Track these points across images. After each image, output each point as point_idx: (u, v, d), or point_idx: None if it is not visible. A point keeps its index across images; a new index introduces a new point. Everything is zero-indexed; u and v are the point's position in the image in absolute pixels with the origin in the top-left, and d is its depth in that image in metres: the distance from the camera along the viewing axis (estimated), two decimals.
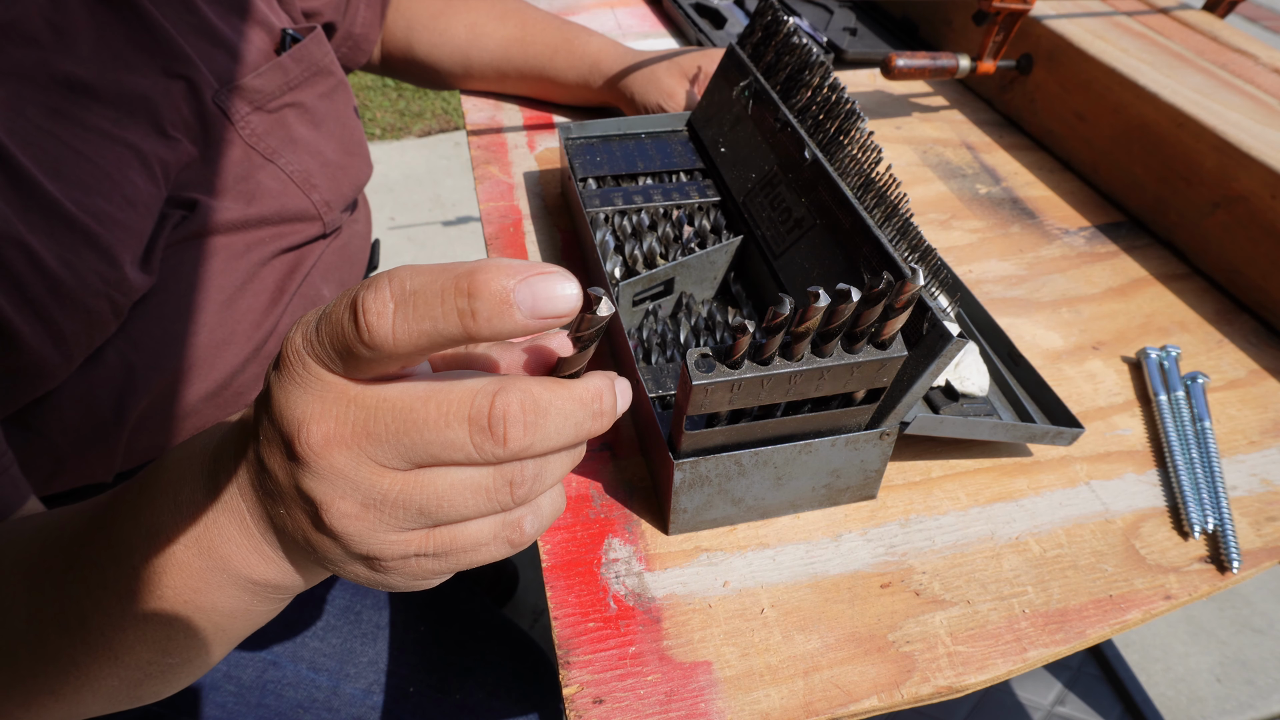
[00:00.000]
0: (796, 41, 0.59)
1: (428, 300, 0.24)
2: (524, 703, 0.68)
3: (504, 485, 0.27)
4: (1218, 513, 0.50)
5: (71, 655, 0.34)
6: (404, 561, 0.28)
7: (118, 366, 0.50)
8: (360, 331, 0.24)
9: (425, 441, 0.26)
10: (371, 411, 0.26)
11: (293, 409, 0.26)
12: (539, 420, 0.26)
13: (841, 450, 0.46)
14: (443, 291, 0.24)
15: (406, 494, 0.26)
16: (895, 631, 0.44)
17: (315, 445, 0.26)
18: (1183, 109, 0.69)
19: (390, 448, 0.26)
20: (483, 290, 0.24)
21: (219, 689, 0.64)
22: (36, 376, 0.45)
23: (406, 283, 0.24)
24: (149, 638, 0.33)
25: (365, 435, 0.26)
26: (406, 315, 0.24)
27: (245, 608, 0.33)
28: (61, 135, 0.47)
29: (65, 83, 0.48)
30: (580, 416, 0.27)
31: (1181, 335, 0.64)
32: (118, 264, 0.47)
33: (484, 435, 0.25)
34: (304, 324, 0.26)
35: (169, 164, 0.52)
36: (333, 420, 0.26)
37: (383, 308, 0.24)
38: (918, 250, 0.50)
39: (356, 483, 0.26)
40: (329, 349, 0.25)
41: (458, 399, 0.25)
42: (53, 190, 0.45)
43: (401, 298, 0.24)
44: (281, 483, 0.28)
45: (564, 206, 0.74)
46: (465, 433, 0.25)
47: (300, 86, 0.62)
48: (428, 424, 0.25)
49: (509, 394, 0.25)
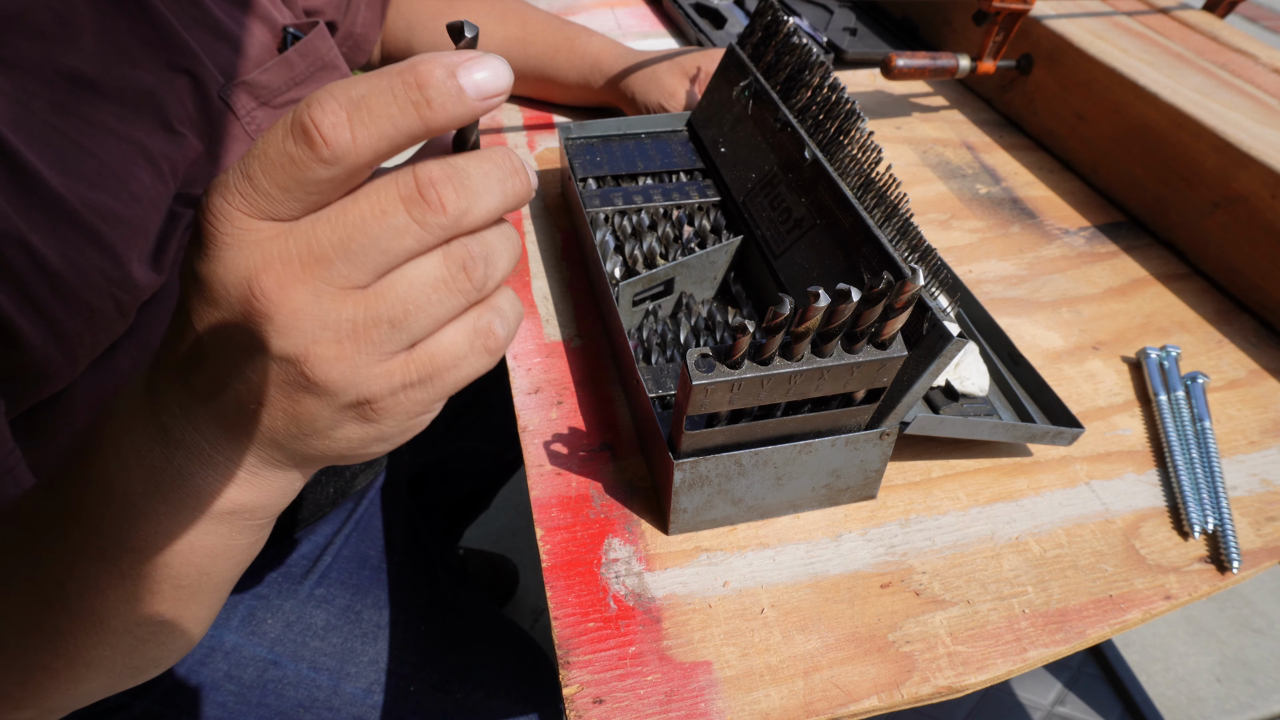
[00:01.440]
0: (796, 41, 0.59)
1: (380, 101, 0.24)
2: (524, 702, 0.68)
3: (459, 271, 0.27)
4: (1218, 513, 0.50)
5: (55, 624, 0.33)
6: (394, 399, 0.28)
7: (129, 370, 0.49)
8: (317, 149, 0.24)
9: (372, 239, 0.25)
10: (309, 235, 0.25)
11: (234, 271, 0.25)
12: (464, 180, 0.26)
13: (841, 450, 0.46)
14: (392, 90, 0.24)
15: (374, 310, 0.26)
16: (895, 631, 0.44)
17: (271, 294, 0.25)
18: (1183, 109, 0.69)
19: (341, 263, 0.25)
20: (430, 80, 0.24)
21: (220, 688, 0.64)
22: (40, 377, 0.45)
23: (350, 91, 0.24)
24: (130, 595, 0.32)
25: (314, 261, 0.25)
26: (363, 119, 0.24)
27: (224, 543, 0.32)
28: (67, 130, 0.47)
29: (70, 77, 0.48)
30: (499, 173, 0.27)
31: (1181, 335, 0.64)
32: (122, 262, 0.47)
33: (421, 207, 0.25)
34: (218, 186, 0.25)
35: (175, 160, 0.52)
36: (277, 262, 0.25)
37: (336, 119, 0.23)
38: (918, 250, 0.50)
39: (324, 318, 0.25)
40: (274, 190, 0.24)
41: (383, 186, 0.25)
42: (57, 186, 0.45)
43: (352, 104, 0.24)
44: (249, 364, 0.27)
45: (564, 206, 0.74)
46: (403, 212, 0.25)
47: (305, 82, 0.62)
48: (366, 220, 0.25)
49: (427, 165, 0.25)
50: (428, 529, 0.82)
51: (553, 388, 0.57)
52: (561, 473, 0.51)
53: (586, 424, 0.54)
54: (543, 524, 0.48)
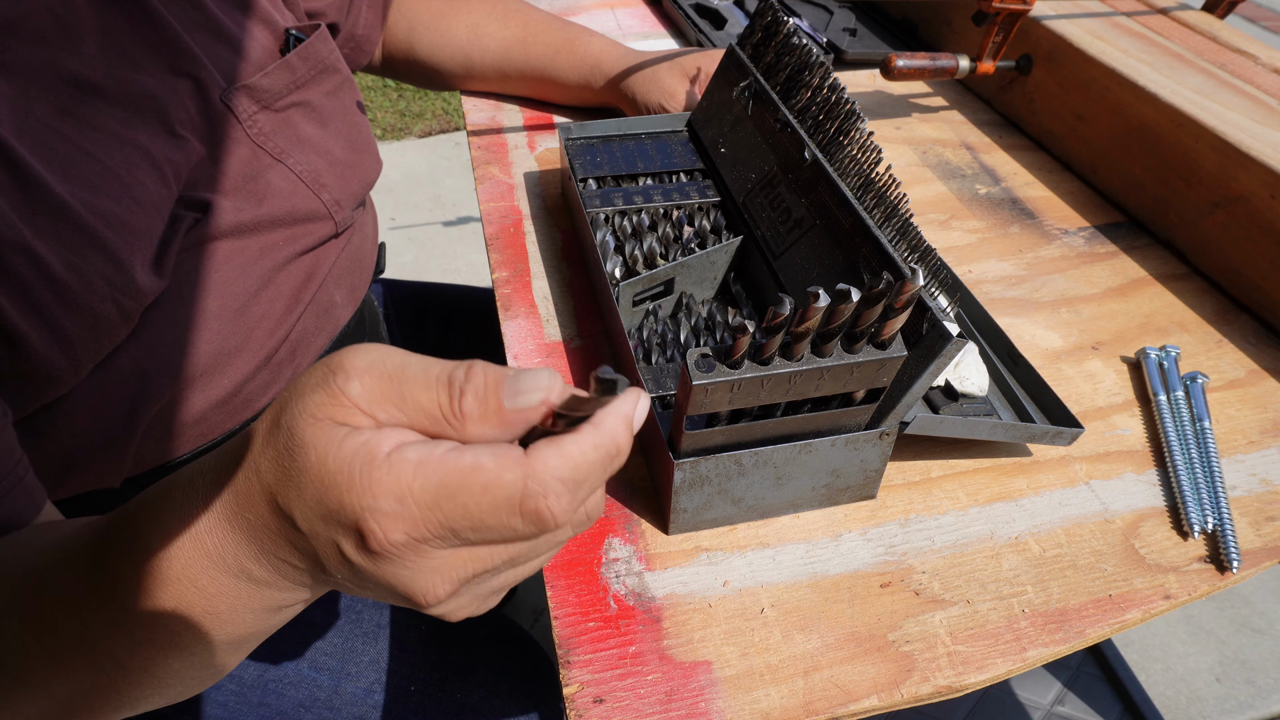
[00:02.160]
0: (796, 42, 0.59)
1: (594, 476, 0.29)
2: (524, 702, 0.68)
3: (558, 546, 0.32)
4: (1217, 513, 0.50)
5: (113, 684, 0.35)
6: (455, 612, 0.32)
7: (131, 373, 0.49)
8: (547, 526, 0.28)
9: (524, 572, 0.32)
10: (481, 564, 0.29)
11: (406, 583, 0.29)
12: (580, 491, 0.29)
13: (841, 450, 0.46)
14: (603, 464, 0.29)
15: (503, 583, 0.32)
16: (895, 631, 0.44)
17: (436, 600, 0.30)
18: (1182, 109, 0.69)
19: (487, 579, 0.31)
20: (625, 448, 0.29)
21: (220, 688, 0.64)
22: (45, 382, 0.45)
23: (573, 474, 0.28)
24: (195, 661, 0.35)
25: (478, 577, 0.30)
26: (581, 494, 0.29)
27: (282, 620, 0.36)
28: (70, 135, 0.47)
29: (73, 81, 0.48)
30: (610, 466, 0.30)
31: (1181, 335, 0.64)
32: (126, 268, 0.47)
33: (561, 543, 0.31)
34: (399, 520, 0.27)
35: (178, 164, 0.52)
36: (448, 583, 0.29)
37: (568, 504, 0.28)
38: (917, 250, 0.50)
39: (469, 595, 0.31)
40: (478, 542, 0.28)
41: (544, 546, 0.30)
42: (61, 191, 0.45)
43: (575, 485, 0.28)
44: (378, 591, 0.31)
45: (564, 207, 0.74)
46: (553, 553, 0.31)
47: (307, 85, 0.62)
48: (529, 568, 0.32)
49: (591, 513, 0.30)
50: None
51: None
52: None
53: None
54: None
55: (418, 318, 0.94)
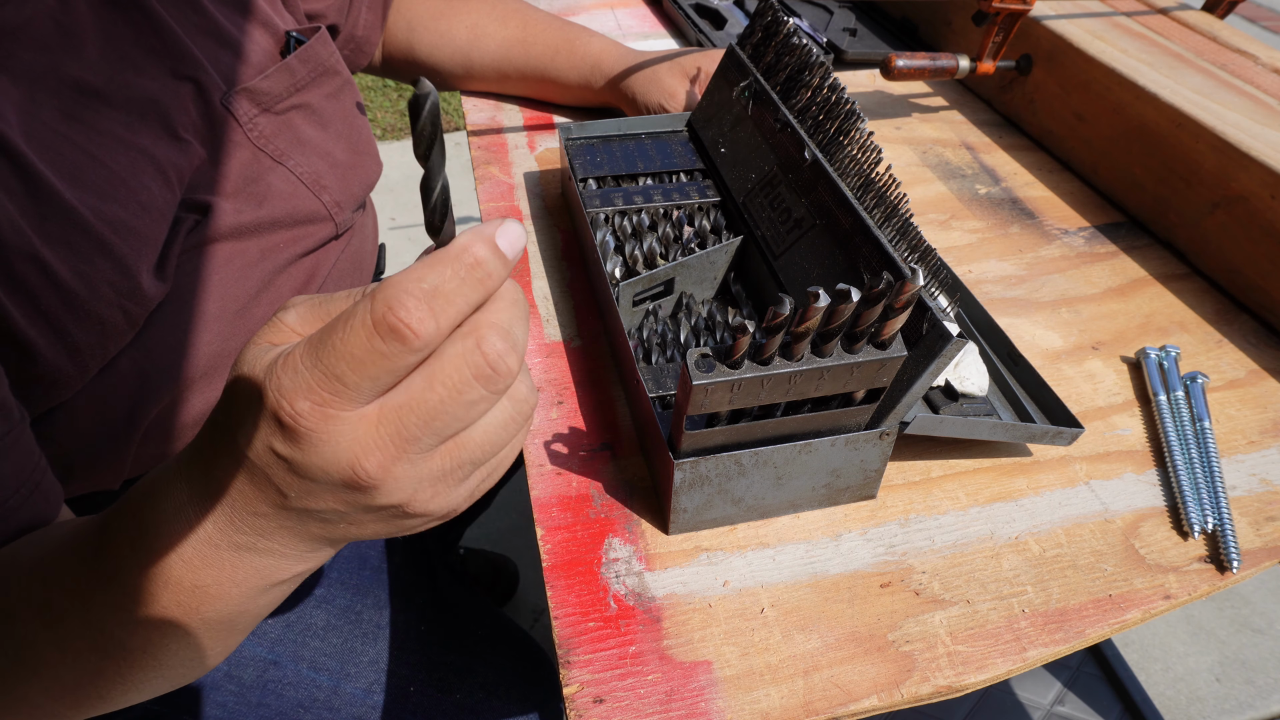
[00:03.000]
0: (796, 42, 0.59)
1: (450, 287, 0.28)
2: (524, 702, 0.68)
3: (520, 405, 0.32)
4: (1217, 512, 0.50)
5: (117, 669, 0.36)
6: (471, 497, 0.33)
7: (132, 375, 0.49)
8: (409, 341, 0.27)
9: (453, 415, 0.29)
10: (398, 421, 0.28)
11: (336, 461, 0.29)
12: (517, 341, 0.29)
13: (841, 450, 0.46)
14: (458, 275, 0.28)
15: (459, 456, 0.30)
16: (895, 631, 0.44)
17: (374, 473, 0.29)
18: (1182, 109, 0.69)
19: (429, 436, 0.29)
20: (484, 259, 0.28)
21: (220, 689, 0.64)
22: (51, 386, 0.45)
23: (421, 284, 0.27)
24: (194, 643, 0.36)
25: (405, 441, 0.29)
26: (442, 306, 0.27)
27: (278, 598, 0.36)
28: (76, 140, 0.47)
29: (76, 87, 0.48)
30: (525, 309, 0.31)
31: (1181, 335, 0.64)
32: (132, 274, 0.47)
33: (493, 380, 0.29)
34: (297, 389, 0.27)
35: (181, 168, 0.52)
36: (375, 448, 0.29)
37: (420, 312, 0.27)
38: (917, 250, 0.50)
39: (420, 475, 0.30)
40: (364, 383, 0.28)
41: (455, 365, 0.28)
42: (70, 198, 0.45)
43: (429, 296, 0.27)
44: (351, 510, 0.31)
45: (564, 207, 0.74)
46: (479, 388, 0.29)
47: (307, 87, 0.62)
48: (447, 402, 0.28)
49: (491, 339, 0.29)
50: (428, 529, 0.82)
51: (553, 388, 0.57)
52: (562, 472, 0.51)
53: (587, 424, 0.54)
54: (543, 524, 0.48)
55: None
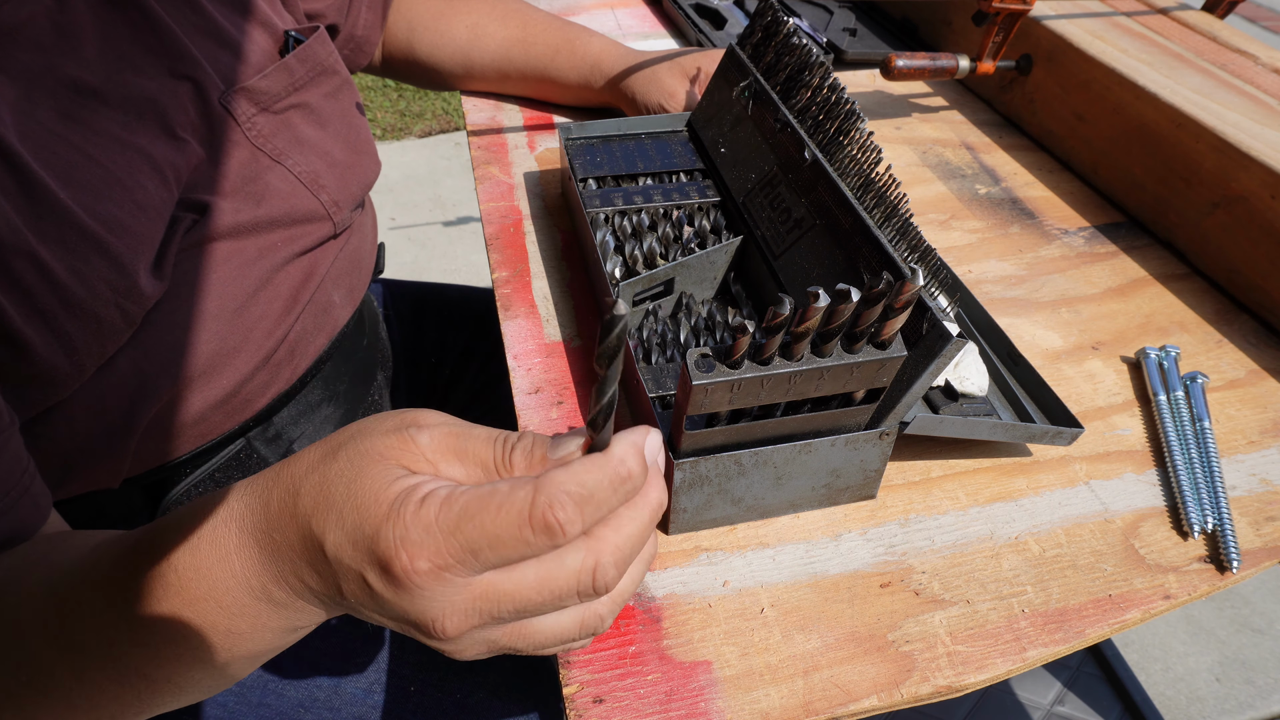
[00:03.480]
0: (796, 42, 0.59)
1: (604, 495, 0.30)
2: (524, 702, 0.68)
3: (588, 634, 0.34)
4: (1217, 512, 0.50)
5: (137, 695, 0.37)
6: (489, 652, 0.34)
7: (129, 374, 0.49)
8: (557, 539, 0.29)
9: (540, 611, 0.31)
10: (495, 604, 0.30)
11: (424, 612, 0.30)
12: (627, 560, 0.31)
13: (841, 450, 0.46)
14: (613, 486, 0.30)
15: (515, 641, 0.33)
16: (895, 631, 0.44)
17: (449, 633, 0.31)
18: (1182, 109, 0.69)
19: (511, 616, 0.31)
20: (637, 473, 0.31)
21: None
22: (49, 386, 0.45)
23: (580, 489, 0.29)
24: (217, 675, 0.36)
25: (491, 618, 0.31)
26: (592, 512, 0.30)
27: (295, 638, 0.37)
28: (72, 140, 0.47)
29: (73, 86, 0.48)
30: (650, 520, 0.32)
31: (1181, 335, 0.64)
32: (128, 273, 0.47)
33: (590, 595, 0.31)
34: (424, 549, 0.29)
35: (179, 167, 0.52)
36: (463, 615, 0.30)
37: (574, 515, 0.29)
38: (917, 250, 0.50)
39: (480, 640, 0.32)
40: (496, 561, 0.29)
41: (565, 580, 0.30)
42: (65, 197, 0.45)
43: (583, 500, 0.29)
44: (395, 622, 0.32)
45: (564, 207, 0.74)
46: (575, 597, 0.31)
47: (305, 87, 0.62)
48: (544, 605, 0.31)
49: (604, 565, 0.31)
50: None
51: (553, 388, 0.57)
52: None
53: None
54: None
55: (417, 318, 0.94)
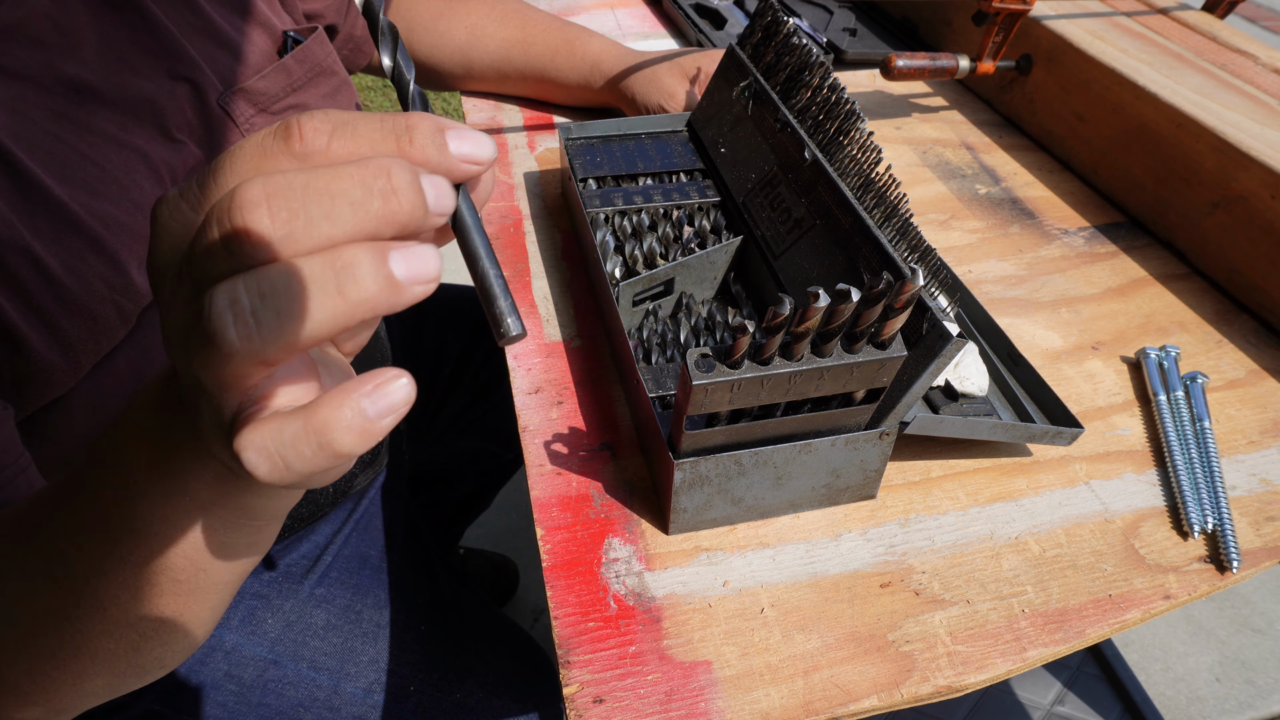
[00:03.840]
0: (796, 42, 0.59)
1: (367, 125, 0.25)
2: (524, 702, 0.68)
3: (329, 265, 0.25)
4: (1217, 512, 0.50)
5: (64, 610, 0.34)
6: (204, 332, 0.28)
7: (127, 373, 0.49)
8: (291, 142, 0.24)
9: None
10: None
11: (168, 253, 0.26)
12: (343, 127, 0.25)
13: (841, 450, 0.46)
14: (383, 121, 0.25)
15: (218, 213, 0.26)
16: (895, 631, 0.44)
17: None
18: (1182, 109, 0.69)
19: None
20: (419, 126, 0.25)
21: (220, 688, 0.64)
22: (44, 383, 0.45)
23: (345, 114, 0.25)
24: (130, 582, 0.32)
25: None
26: (344, 134, 0.25)
27: (219, 538, 0.32)
28: (67, 139, 0.47)
29: (70, 86, 0.48)
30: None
31: (1181, 335, 0.64)
32: (124, 270, 0.47)
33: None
34: (172, 193, 0.25)
35: (175, 168, 0.52)
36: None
37: (321, 125, 0.24)
38: (917, 250, 0.50)
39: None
40: (232, 180, 0.25)
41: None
42: (60, 195, 0.45)
43: (341, 121, 0.25)
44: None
45: (564, 207, 0.74)
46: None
47: (304, 88, 0.62)
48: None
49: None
50: (428, 529, 0.82)
51: (553, 388, 0.57)
52: (561, 472, 0.51)
53: (586, 424, 0.54)
54: (543, 524, 0.48)
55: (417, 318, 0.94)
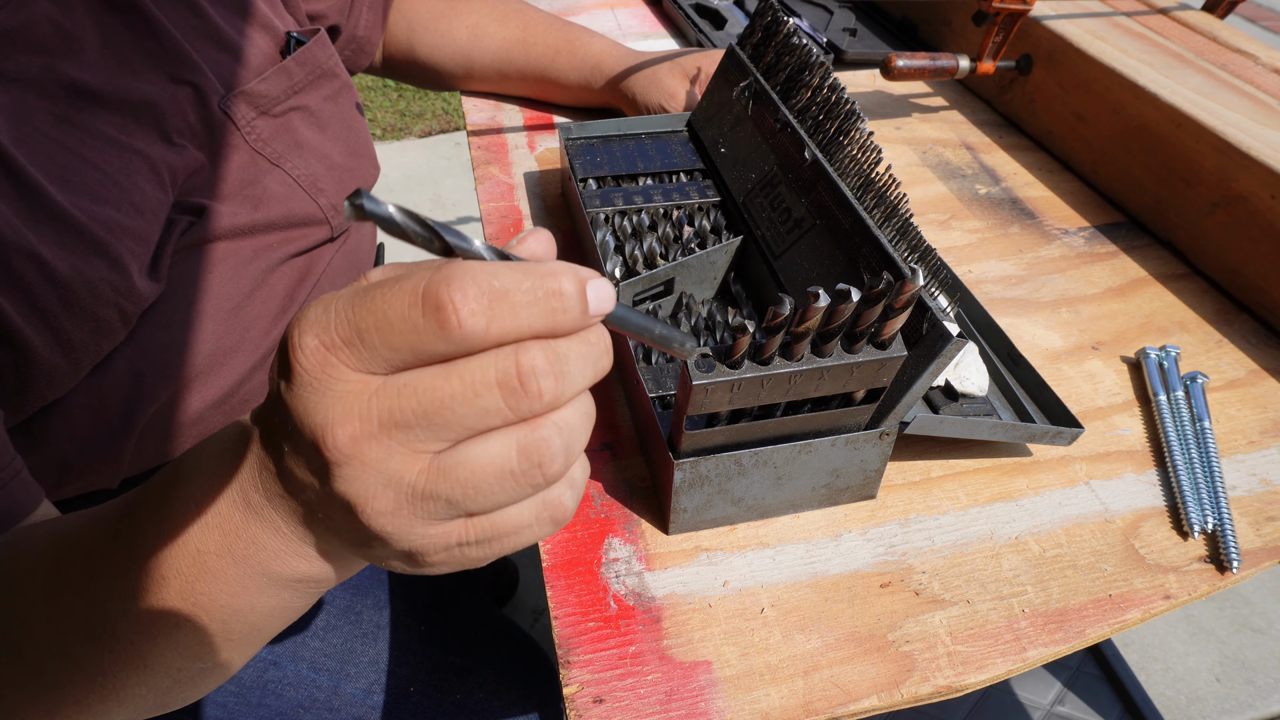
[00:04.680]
0: (796, 42, 0.59)
1: (522, 300, 0.25)
2: (524, 702, 0.68)
3: (533, 468, 0.26)
4: (1217, 512, 0.50)
5: (99, 665, 0.33)
6: (446, 554, 0.28)
7: (126, 374, 0.49)
8: (449, 331, 0.24)
9: (458, 417, 0.25)
10: (395, 400, 0.25)
11: (313, 416, 0.26)
12: (564, 367, 0.26)
13: (841, 450, 0.46)
14: (534, 293, 0.25)
15: (436, 485, 0.26)
16: (895, 631, 0.44)
17: (343, 447, 0.25)
18: (1182, 109, 0.69)
19: (421, 430, 0.25)
20: (566, 294, 0.25)
21: (219, 689, 0.64)
22: (46, 384, 0.45)
23: (493, 280, 0.24)
24: (182, 644, 0.32)
25: (394, 425, 0.25)
26: (501, 314, 0.24)
27: (283, 605, 0.32)
28: (69, 143, 0.47)
29: (72, 89, 0.48)
30: (594, 354, 0.27)
31: (1181, 335, 0.64)
32: (127, 272, 0.47)
33: (518, 396, 0.25)
34: (315, 325, 0.25)
35: (176, 170, 0.52)
36: (357, 419, 0.25)
37: (477, 305, 0.24)
38: (917, 250, 0.50)
39: (389, 476, 0.26)
40: (383, 352, 0.25)
41: (480, 366, 0.25)
42: (61, 200, 0.45)
43: (494, 296, 0.24)
44: (314, 490, 0.27)
45: (564, 207, 0.74)
46: (498, 397, 0.25)
47: (305, 90, 0.62)
48: (457, 399, 0.25)
49: (530, 351, 0.25)
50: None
51: None
52: None
53: None
54: None
55: None
